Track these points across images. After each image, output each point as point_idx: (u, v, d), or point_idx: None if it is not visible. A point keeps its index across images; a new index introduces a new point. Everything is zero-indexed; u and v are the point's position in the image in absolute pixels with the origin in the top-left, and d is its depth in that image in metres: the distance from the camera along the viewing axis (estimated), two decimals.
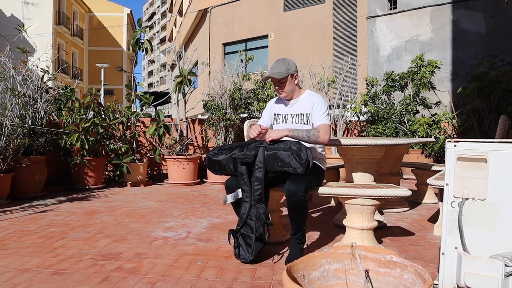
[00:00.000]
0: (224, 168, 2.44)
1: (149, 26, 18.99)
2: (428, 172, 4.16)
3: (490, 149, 1.45)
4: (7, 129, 4.45)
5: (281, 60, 2.61)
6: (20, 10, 23.33)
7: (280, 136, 2.41)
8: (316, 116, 2.53)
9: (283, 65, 2.57)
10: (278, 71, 2.55)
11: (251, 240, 2.32)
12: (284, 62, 2.59)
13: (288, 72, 2.55)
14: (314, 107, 2.55)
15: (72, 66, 27.26)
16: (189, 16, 19.66)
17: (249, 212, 2.37)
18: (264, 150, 2.34)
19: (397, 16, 10.99)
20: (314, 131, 2.44)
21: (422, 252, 2.60)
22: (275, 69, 2.56)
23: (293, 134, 2.42)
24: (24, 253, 2.53)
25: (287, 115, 2.67)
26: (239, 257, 2.35)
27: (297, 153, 2.25)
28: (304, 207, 2.30)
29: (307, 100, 2.61)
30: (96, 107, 5.75)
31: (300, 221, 2.32)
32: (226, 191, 2.49)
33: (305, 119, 2.59)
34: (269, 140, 2.39)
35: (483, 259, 1.42)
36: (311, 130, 2.45)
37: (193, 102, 7.11)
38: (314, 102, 2.57)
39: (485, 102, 6.55)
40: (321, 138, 2.43)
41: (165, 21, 55.20)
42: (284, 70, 2.55)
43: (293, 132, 2.43)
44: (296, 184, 2.26)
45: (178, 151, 6.01)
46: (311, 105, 2.57)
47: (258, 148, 2.37)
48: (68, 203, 4.36)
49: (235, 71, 6.63)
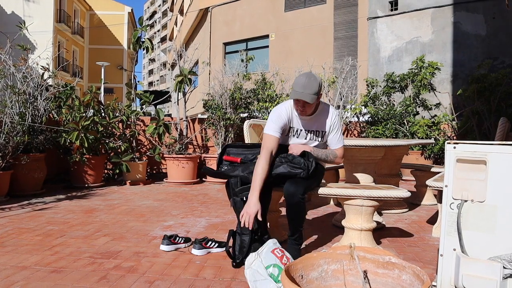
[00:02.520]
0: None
1: (150, 24, 18.99)
2: (428, 174, 4.16)
3: (490, 151, 1.45)
4: (7, 126, 4.44)
5: (312, 78, 2.27)
6: (21, 8, 23.31)
7: (302, 150, 2.37)
8: (334, 138, 2.49)
9: (315, 85, 2.25)
10: (310, 93, 2.24)
11: None
12: (316, 81, 2.27)
13: (318, 95, 2.30)
14: (332, 127, 2.47)
15: (72, 64, 27.25)
16: (190, 15, 19.66)
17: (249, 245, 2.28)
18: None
19: (398, 17, 10.99)
20: (332, 155, 2.48)
21: (420, 253, 2.60)
22: (307, 89, 2.24)
23: (315, 153, 2.40)
24: (23, 251, 2.53)
25: (300, 130, 2.48)
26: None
27: (290, 161, 2.30)
28: (302, 209, 2.29)
29: (326, 118, 2.46)
30: (96, 105, 5.74)
31: (298, 223, 2.32)
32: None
33: (320, 136, 2.50)
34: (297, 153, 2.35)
35: (482, 261, 1.42)
36: (330, 153, 2.48)
37: (193, 101, 7.12)
38: (333, 122, 2.46)
39: (485, 104, 6.55)
40: (337, 160, 2.52)
41: (166, 20, 55.21)
42: (315, 91, 2.26)
43: (315, 151, 2.41)
44: (295, 185, 2.25)
45: (178, 150, 6.01)
46: (329, 124, 2.46)
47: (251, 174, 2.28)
48: (67, 201, 4.35)
49: (236, 70, 6.63)
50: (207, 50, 16.17)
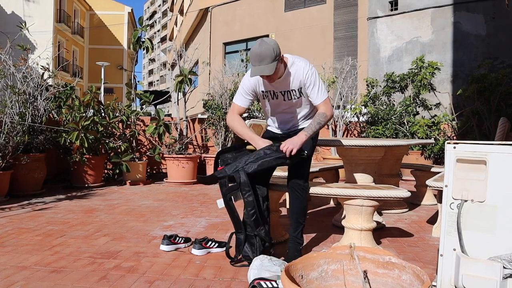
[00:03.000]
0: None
1: (150, 24, 18.98)
2: (428, 174, 4.16)
3: (490, 151, 1.45)
4: (7, 126, 4.44)
5: (264, 46, 2.11)
6: (21, 8, 23.31)
7: (301, 144, 2.20)
8: (313, 94, 2.29)
9: (269, 51, 2.09)
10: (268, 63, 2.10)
11: (253, 239, 2.30)
12: (269, 46, 2.11)
13: (277, 59, 2.13)
14: (306, 84, 2.28)
15: (72, 64, 27.25)
16: (190, 15, 19.65)
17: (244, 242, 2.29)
18: (244, 172, 2.20)
19: (398, 17, 10.99)
20: (319, 116, 2.28)
21: (420, 253, 2.60)
22: (263, 60, 2.10)
23: (310, 134, 2.24)
24: (23, 251, 2.53)
25: (276, 91, 2.37)
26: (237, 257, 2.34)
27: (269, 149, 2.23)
28: (305, 197, 2.34)
29: (294, 76, 2.29)
30: (96, 105, 5.74)
31: (300, 214, 2.34)
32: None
33: (297, 94, 2.35)
34: (293, 153, 2.18)
35: (482, 261, 1.42)
36: (317, 117, 2.28)
37: (193, 101, 7.12)
38: (305, 78, 2.27)
39: (485, 104, 6.55)
40: (328, 117, 2.30)
41: (166, 20, 55.19)
42: (273, 58, 2.10)
43: (308, 132, 2.24)
44: (295, 172, 2.33)
45: (178, 150, 6.01)
46: (299, 80, 2.30)
47: (238, 173, 2.21)
48: (67, 201, 4.35)
49: (236, 70, 6.63)
50: (207, 50, 16.17)
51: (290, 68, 2.29)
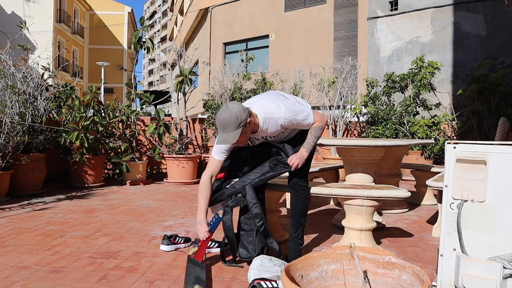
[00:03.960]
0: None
1: (150, 25, 18.96)
2: (428, 174, 4.16)
3: (490, 151, 1.45)
4: (7, 126, 4.44)
5: (228, 113, 2.02)
6: (21, 8, 23.31)
7: (304, 159, 2.24)
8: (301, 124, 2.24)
9: (232, 118, 2.00)
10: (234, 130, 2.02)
11: (252, 236, 2.31)
12: (232, 113, 2.01)
13: (241, 126, 2.03)
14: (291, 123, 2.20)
15: (72, 64, 27.25)
16: (190, 15, 19.65)
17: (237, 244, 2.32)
18: (250, 186, 2.25)
19: (398, 17, 10.99)
20: (315, 130, 2.27)
21: (420, 253, 2.60)
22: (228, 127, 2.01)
23: (310, 149, 2.27)
24: (23, 251, 2.53)
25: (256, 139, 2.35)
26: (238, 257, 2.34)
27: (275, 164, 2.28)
28: (305, 198, 2.34)
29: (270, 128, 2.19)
30: (96, 105, 5.74)
31: (301, 215, 2.35)
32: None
33: (283, 135, 2.34)
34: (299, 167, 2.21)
35: (482, 261, 1.42)
36: (314, 131, 2.27)
37: (193, 101, 7.12)
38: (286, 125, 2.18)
39: (485, 104, 6.55)
40: (323, 126, 2.31)
41: (166, 20, 55.19)
42: (238, 124, 2.01)
43: (308, 148, 2.26)
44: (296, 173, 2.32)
45: (178, 150, 6.01)
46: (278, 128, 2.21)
47: (244, 187, 2.26)
48: (67, 201, 4.35)
49: (236, 70, 6.63)
50: (207, 50, 16.16)
51: (264, 125, 2.17)
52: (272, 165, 2.30)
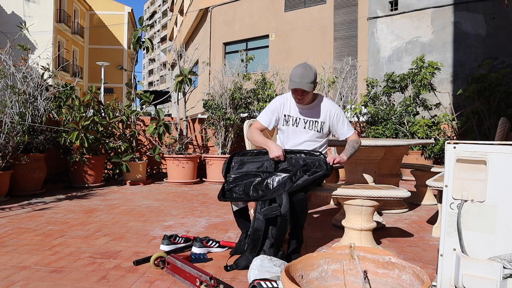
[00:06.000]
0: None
1: (150, 24, 18.98)
2: (428, 174, 4.16)
3: (490, 151, 1.44)
4: (7, 126, 4.44)
5: (308, 68, 2.42)
6: (21, 8, 23.32)
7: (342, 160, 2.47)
8: (343, 128, 2.60)
9: (311, 74, 2.41)
10: (308, 82, 2.39)
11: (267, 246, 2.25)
12: (311, 70, 2.42)
13: (315, 84, 2.44)
14: (336, 120, 2.57)
15: (72, 64, 27.25)
16: (190, 15, 19.65)
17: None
18: (287, 195, 2.20)
19: (398, 17, 10.99)
20: (353, 142, 2.59)
21: (420, 253, 2.60)
22: (304, 78, 2.38)
23: (349, 156, 2.53)
24: (23, 251, 2.53)
25: (299, 118, 2.58)
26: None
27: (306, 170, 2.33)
28: (304, 207, 2.32)
29: (323, 109, 2.57)
30: (96, 105, 5.74)
31: (299, 221, 2.33)
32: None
33: (319, 126, 2.57)
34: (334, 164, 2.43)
35: (482, 261, 1.42)
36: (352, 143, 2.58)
37: (193, 101, 7.11)
38: (333, 114, 2.57)
39: (485, 104, 6.55)
40: (360, 144, 2.64)
41: (166, 20, 55.21)
42: (312, 80, 2.40)
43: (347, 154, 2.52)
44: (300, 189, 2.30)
45: (178, 150, 6.01)
46: (327, 115, 2.57)
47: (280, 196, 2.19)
48: (67, 201, 4.35)
49: (236, 70, 6.63)
50: (207, 50, 16.17)
51: (318, 101, 2.58)
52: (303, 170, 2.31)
